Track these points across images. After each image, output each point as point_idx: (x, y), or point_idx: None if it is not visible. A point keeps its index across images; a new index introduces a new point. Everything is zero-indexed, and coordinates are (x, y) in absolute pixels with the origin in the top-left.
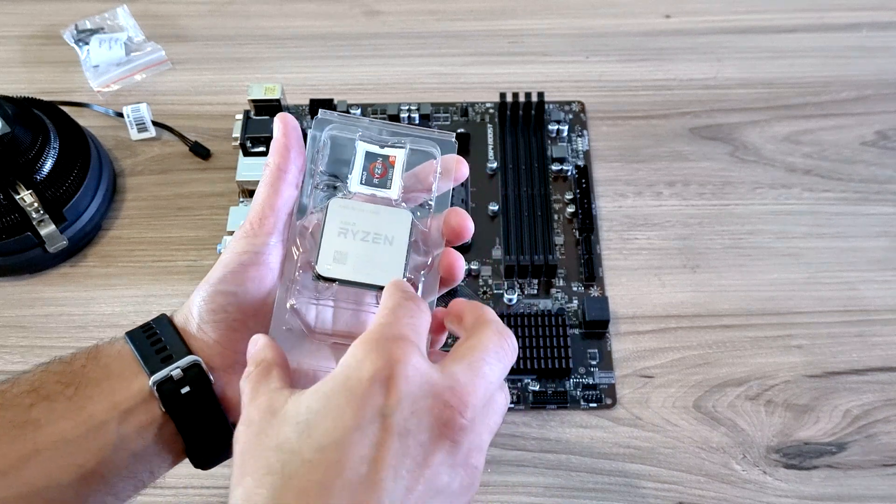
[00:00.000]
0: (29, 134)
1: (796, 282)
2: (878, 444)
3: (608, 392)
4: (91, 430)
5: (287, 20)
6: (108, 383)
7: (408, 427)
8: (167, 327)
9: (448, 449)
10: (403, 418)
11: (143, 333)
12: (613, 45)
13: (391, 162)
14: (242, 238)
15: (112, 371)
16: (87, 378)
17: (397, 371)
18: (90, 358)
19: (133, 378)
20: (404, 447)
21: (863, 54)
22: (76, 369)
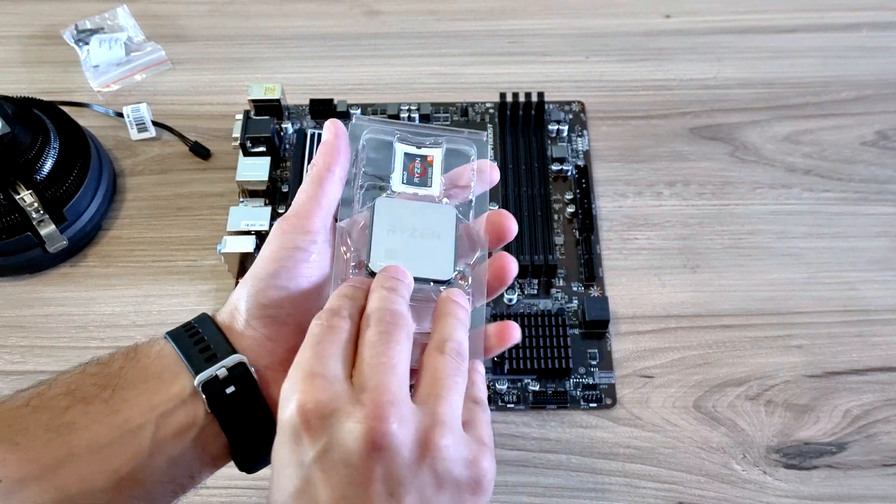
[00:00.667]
0: (29, 134)
1: (796, 282)
2: (878, 444)
3: (608, 392)
4: (127, 434)
5: (287, 20)
6: (146, 385)
7: (335, 459)
8: (209, 326)
9: (381, 469)
10: (326, 453)
11: (185, 332)
12: (613, 45)
13: (429, 161)
14: (291, 233)
15: (150, 372)
16: (124, 380)
17: (385, 444)
18: (128, 359)
19: (172, 380)
20: (339, 475)
21: (863, 54)
22: (113, 371)
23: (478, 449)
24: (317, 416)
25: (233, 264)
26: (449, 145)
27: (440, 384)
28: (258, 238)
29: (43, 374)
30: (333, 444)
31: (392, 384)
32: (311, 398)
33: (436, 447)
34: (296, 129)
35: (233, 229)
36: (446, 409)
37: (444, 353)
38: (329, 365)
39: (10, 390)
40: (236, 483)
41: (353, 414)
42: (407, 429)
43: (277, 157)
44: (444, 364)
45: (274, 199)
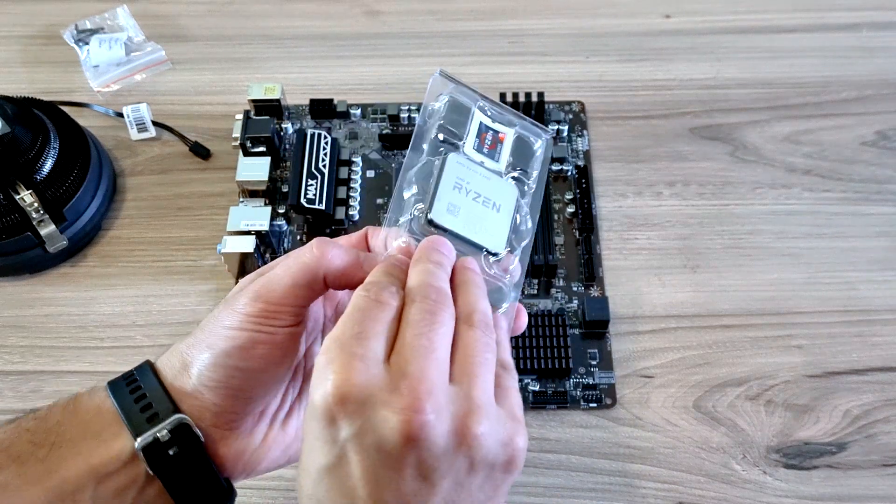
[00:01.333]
0: (29, 134)
1: (796, 282)
2: (878, 444)
3: (608, 392)
4: (64, 497)
5: (287, 20)
6: (86, 444)
7: (365, 443)
8: (150, 379)
9: (414, 457)
10: (356, 436)
11: (126, 385)
12: (613, 45)
13: (501, 138)
14: (255, 315)
15: (90, 429)
16: (62, 437)
17: (418, 435)
18: (67, 412)
19: (113, 439)
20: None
21: (863, 54)
22: (51, 426)
23: (512, 427)
24: (353, 400)
25: (233, 264)
26: (521, 131)
27: (473, 363)
28: (258, 238)
29: (43, 374)
30: (368, 429)
31: (431, 371)
32: (349, 381)
33: (472, 436)
34: (296, 129)
35: (233, 229)
36: (481, 392)
37: (473, 327)
38: (370, 346)
39: (10, 390)
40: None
41: (391, 403)
42: (443, 419)
43: (277, 157)
44: (474, 340)
45: (274, 198)
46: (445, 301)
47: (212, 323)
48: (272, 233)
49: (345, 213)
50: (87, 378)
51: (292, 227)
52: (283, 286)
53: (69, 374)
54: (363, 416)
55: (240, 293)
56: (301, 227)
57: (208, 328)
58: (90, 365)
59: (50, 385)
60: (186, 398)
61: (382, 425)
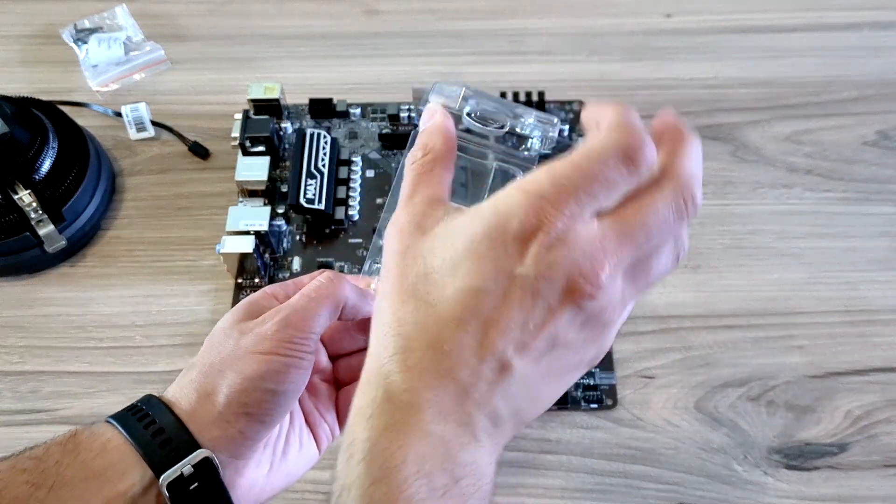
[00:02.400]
0: (27, 134)
1: (797, 282)
2: (879, 444)
3: (609, 393)
4: None
5: (287, 20)
6: (86, 485)
7: (538, 289)
8: (165, 413)
9: (574, 312)
10: (535, 280)
11: (139, 421)
12: (614, 44)
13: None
14: (286, 340)
15: (92, 469)
16: (61, 478)
17: (541, 236)
18: (66, 452)
19: (119, 477)
20: (532, 306)
21: (864, 54)
22: (49, 466)
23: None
24: (554, 243)
25: (232, 264)
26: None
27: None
28: (257, 238)
29: (42, 375)
30: (551, 276)
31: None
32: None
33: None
34: (295, 129)
35: (232, 229)
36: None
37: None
38: (594, 200)
39: (9, 391)
40: None
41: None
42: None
43: (277, 157)
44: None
45: (273, 198)
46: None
47: (232, 349)
48: (271, 233)
49: (344, 213)
50: (86, 378)
51: (291, 227)
52: (312, 315)
53: (68, 374)
54: (546, 268)
55: (264, 322)
56: (300, 226)
57: (228, 354)
58: (89, 365)
59: (49, 385)
60: (207, 429)
61: (558, 280)
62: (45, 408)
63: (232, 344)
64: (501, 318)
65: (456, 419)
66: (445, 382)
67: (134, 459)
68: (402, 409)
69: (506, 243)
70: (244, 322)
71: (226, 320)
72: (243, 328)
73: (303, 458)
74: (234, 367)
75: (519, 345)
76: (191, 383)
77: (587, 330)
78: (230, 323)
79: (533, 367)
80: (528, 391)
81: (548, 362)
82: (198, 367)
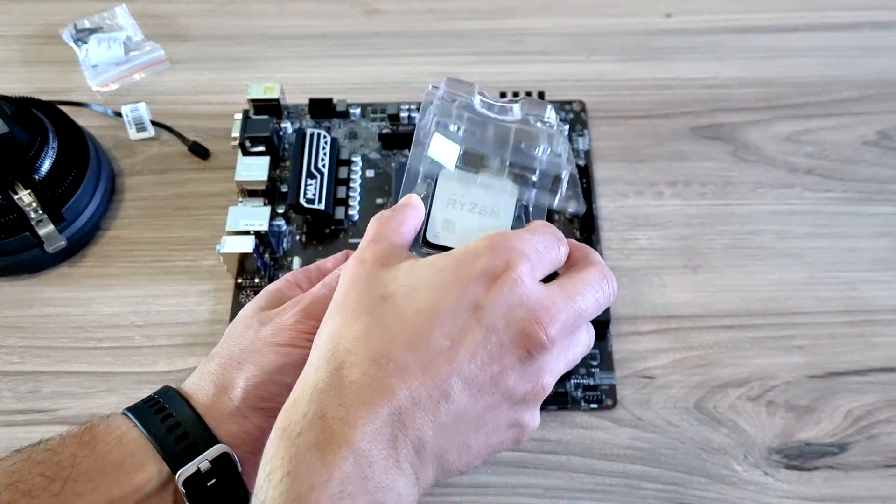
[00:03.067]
0: (27, 134)
1: (798, 282)
2: (879, 444)
3: (609, 393)
4: None
5: (287, 20)
6: (103, 478)
7: (495, 325)
8: (183, 407)
9: (521, 357)
10: (494, 316)
11: (155, 415)
12: (614, 44)
13: (508, 107)
14: (307, 332)
15: (109, 461)
16: (77, 471)
17: (506, 276)
18: (82, 444)
19: (136, 470)
20: (485, 340)
21: (864, 54)
22: (65, 459)
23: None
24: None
25: (232, 264)
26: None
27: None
28: (257, 238)
29: (41, 375)
30: (505, 315)
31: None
32: (524, 272)
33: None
34: (295, 129)
35: (232, 229)
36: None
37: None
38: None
39: (9, 391)
40: None
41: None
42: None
43: (277, 157)
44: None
45: (273, 198)
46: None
47: (251, 340)
48: (271, 233)
49: (344, 213)
50: (85, 378)
51: (292, 227)
52: (326, 291)
53: (68, 374)
54: (507, 307)
55: (284, 312)
56: (300, 226)
57: (247, 346)
58: (89, 365)
59: (48, 385)
60: (225, 424)
61: (514, 322)
62: (45, 408)
63: (252, 335)
64: (454, 346)
65: (384, 441)
66: (382, 401)
67: (150, 453)
68: (334, 425)
69: (471, 277)
70: (265, 311)
71: (248, 308)
72: (263, 318)
73: None
74: (253, 360)
75: (464, 376)
76: (209, 375)
77: (526, 382)
78: (251, 311)
79: (470, 404)
80: (458, 431)
81: (484, 405)
82: (217, 358)
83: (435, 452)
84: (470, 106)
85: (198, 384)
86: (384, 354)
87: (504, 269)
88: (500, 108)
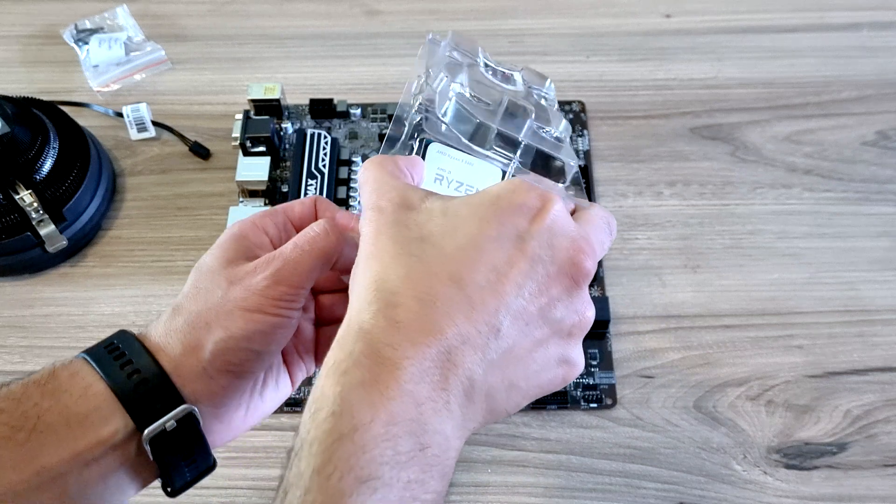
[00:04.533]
0: (28, 134)
1: (797, 282)
2: (878, 444)
3: (608, 392)
4: (45, 483)
5: (287, 20)
6: (69, 431)
7: (540, 255)
8: (149, 363)
9: (568, 286)
10: (539, 246)
11: (122, 369)
12: (614, 44)
13: (507, 74)
14: (277, 298)
15: (75, 414)
16: (42, 422)
17: (546, 207)
18: (46, 394)
19: (102, 423)
20: (532, 271)
21: (863, 54)
22: (28, 409)
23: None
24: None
25: None
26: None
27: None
28: None
29: None
30: (549, 242)
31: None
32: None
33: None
34: (295, 129)
35: None
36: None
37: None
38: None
39: None
40: (237, 483)
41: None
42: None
43: (277, 157)
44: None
45: (273, 198)
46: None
47: (220, 300)
48: None
49: None
50: None
51: None
52: (305, 270)
53: None
54: (550, 236)
55: (254, 273)
56: None
57: (215, 306)
58: None
59: None
60: (191, 383)
61: (559, 251)
62: None
63: (220, 294)
64: (500, 278)
65: (433, 381)
66: (430, 339)
67: (116, 408)
68: (381, 364)
69: (511, 210)
70: (233, 266)
71: (215, 259)
72: (231, 276)
73: (278, 396)
74: (221, 323)
75: (512, 309)
76: (176, 333)
77: (573, 314)
78: (219, 263)
79: (520, 338)
80: (507, 368)
81: (533, 340)
82: (183, 314)
83: (484, 392)
84: (474, 66)
85: (165, 340)
86: (429, 292)
87: (543, 203)
88: (502, 74)
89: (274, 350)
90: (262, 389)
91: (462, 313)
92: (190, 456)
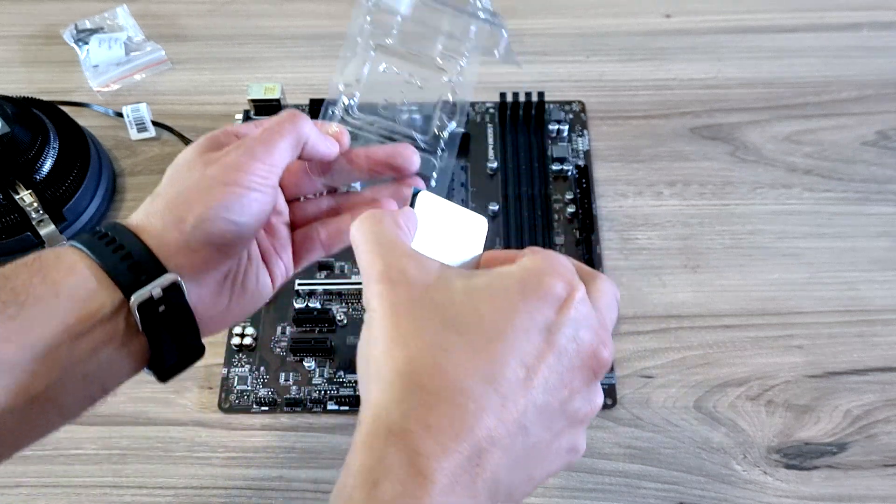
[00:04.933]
0: (28, 134)
1: (797, 282)
2: (878, 444)
3: (608, 392)
4: (39, 355)
5: (287, 20)
6: (58, 303)
7: (567, 347)
8: (133, 240)
9: (587, 379)
10: (566, 338)
11: (107, 246)
12: (614, 44)
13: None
14: (252, 171)
15: (62, 288)
16: (32, 296)
17: (572, 296)
18: (33, 272)
19: (90, 297)
20: (558, 364)
21: (863, 54)
22: (18, 285)
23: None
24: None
25: None
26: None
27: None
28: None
29: None
30: (573, 334)
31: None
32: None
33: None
34: None
35: None
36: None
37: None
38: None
39: None
40: (235, 483)
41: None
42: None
43: None
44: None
45: None
46: None
47: (197, 179)
48: None
49: None
50: None
51: None
52: (275, 146)
53: None
54: (575, 328)
55: (228, 153)
56: None
57: (193, 184)
58: None
59: None
60: (174, 257)
61: (583, 344)
62: None
63: (198, 175)
64: (529, 374)
65: (463, 488)
66: (462, 445)
67: (103, 280)
68: (413, 477)
69: (539, 298)
70: (208, 153)
71: (188, 152)
72: (207, 160)
73: (259, 293)
74: (200, 199)
75: (537, 405)
76: (156, 214)
77: (586, 404)
78: (194, 155)
79: (542, 433)
80: (528, 464)
81: (553, 432)
82: (162, 196)
83: (506, 492)
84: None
85: (145, 221)
86: (461, 391)
87: (569, 291)
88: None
89: (251, 224)
90: (243, 282)
91: (493, 414)
92: (177, 330)
